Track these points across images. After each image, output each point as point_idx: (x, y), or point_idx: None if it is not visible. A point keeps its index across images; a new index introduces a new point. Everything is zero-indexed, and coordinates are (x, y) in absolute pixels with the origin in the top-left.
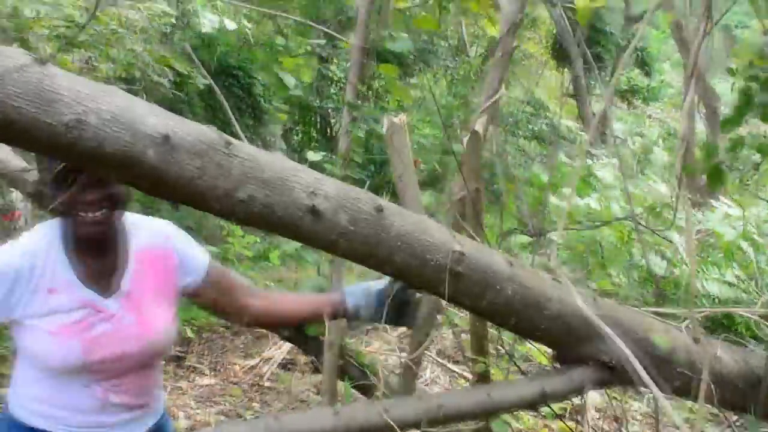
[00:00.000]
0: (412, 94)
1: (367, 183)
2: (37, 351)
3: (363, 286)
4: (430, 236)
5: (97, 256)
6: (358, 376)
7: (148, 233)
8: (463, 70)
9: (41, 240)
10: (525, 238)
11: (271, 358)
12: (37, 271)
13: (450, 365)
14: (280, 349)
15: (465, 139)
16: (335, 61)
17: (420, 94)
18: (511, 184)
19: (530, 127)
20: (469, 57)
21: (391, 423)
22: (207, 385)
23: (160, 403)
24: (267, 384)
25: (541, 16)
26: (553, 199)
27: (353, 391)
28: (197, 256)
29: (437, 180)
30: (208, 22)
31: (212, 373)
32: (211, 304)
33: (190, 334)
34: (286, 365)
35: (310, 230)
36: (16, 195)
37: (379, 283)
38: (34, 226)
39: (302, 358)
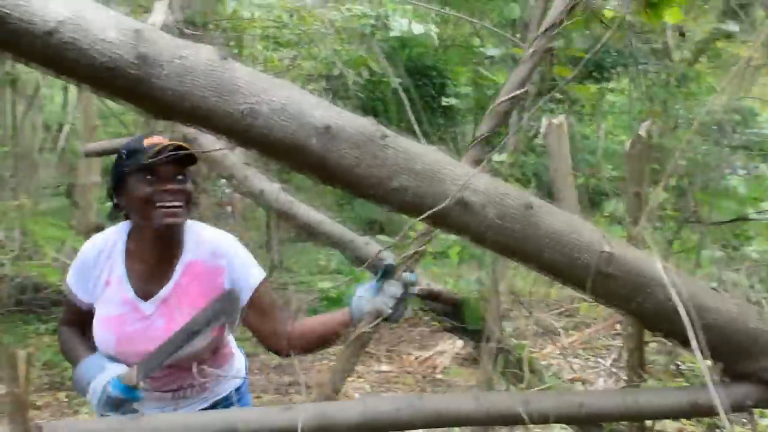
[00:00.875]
0: (610, 99)
1: (532, 183)
2: (93, 330)
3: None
4: (580, 235)
5: (150, 264)
6: (514, 370)
7: (201, 247)
8: (664, 74)
9: (110, 238)
10: (717, 252)
11: (445, 352)
12: (100, 263)
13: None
14: (455, 344)
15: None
16: None
17: (618, 98)
18: (705, 194)
19: (737, 136)
20: (672, 61)
21: (525, 416)
22: (383, 372)
23: (217, 387)
24: (439, 376)
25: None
26: (754, 214)
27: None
28: (246, 280)
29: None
30: (398, 25)
31: (388, 361)
32: (248, 324)
33: None
34: (459, 359)
35: (459, 221)
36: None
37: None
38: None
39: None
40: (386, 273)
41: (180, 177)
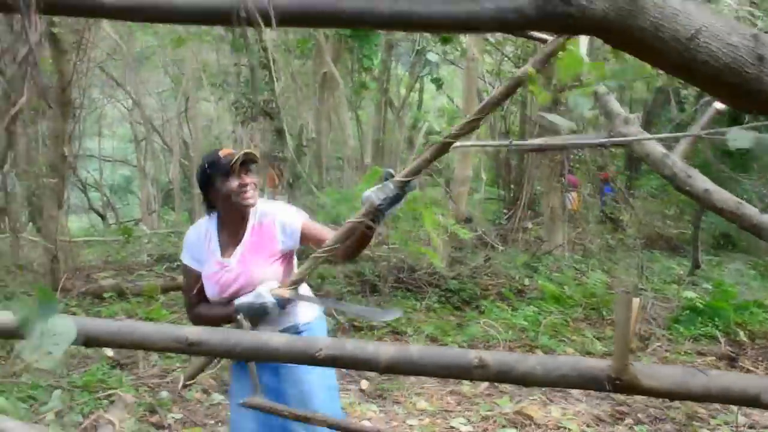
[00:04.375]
0: None
1: None
2: (204, 287)
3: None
4: None
5: (231, 233)
6: None
7: (260, 213)
8: None
9: (203, 225)
10: None
11: None
12: (202, 241)
13: None
14: None
15: None
16: None
17: None
18: None
19: None
20: None
21: None
22: None
23: (295, 317)
24: None
25: None
26: None
27: None
28: (292, 226)
29: None
30: None
31: None
32: (311, 246)
33: (743, 337)
34: None
35: None
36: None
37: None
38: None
39: None
40: (387, 177)
41: (250, 172)
